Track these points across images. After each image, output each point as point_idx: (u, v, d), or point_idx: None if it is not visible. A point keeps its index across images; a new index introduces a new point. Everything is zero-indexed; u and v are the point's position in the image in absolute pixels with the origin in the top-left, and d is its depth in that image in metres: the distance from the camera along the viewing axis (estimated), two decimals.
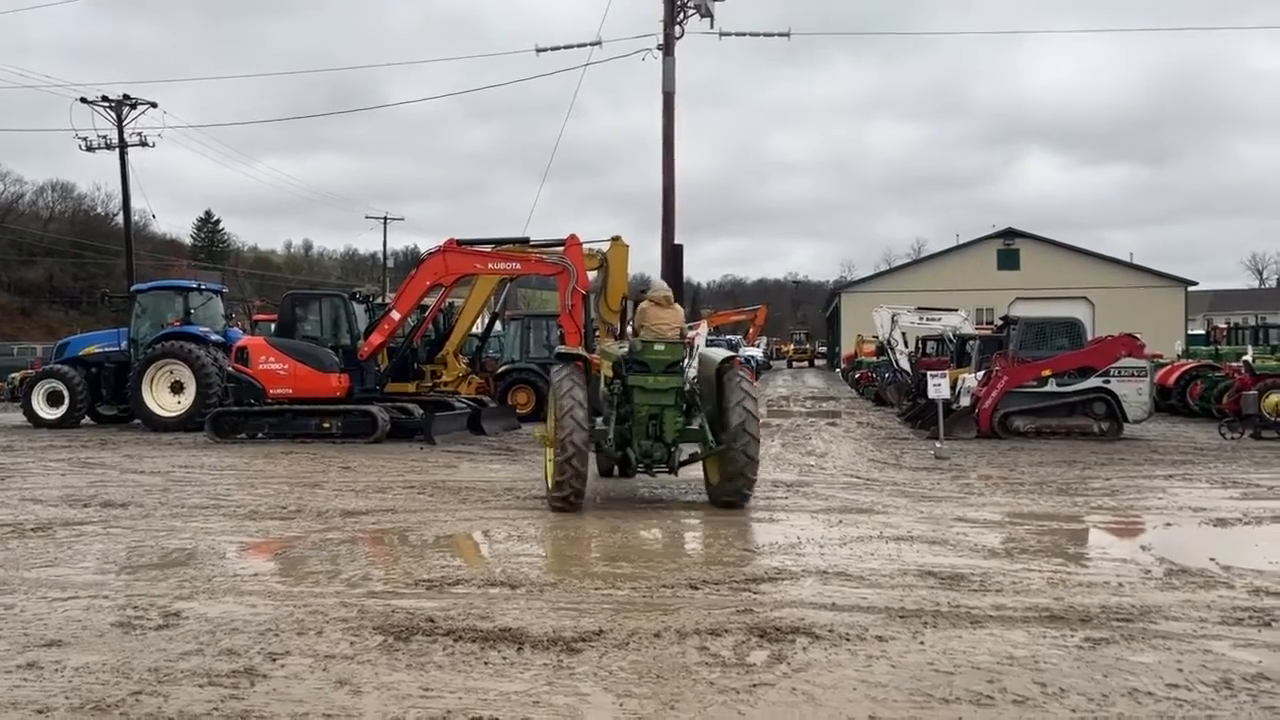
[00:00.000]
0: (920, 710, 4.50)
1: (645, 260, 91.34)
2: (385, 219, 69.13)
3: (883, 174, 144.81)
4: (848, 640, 5.54)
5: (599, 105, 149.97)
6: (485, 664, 5.10)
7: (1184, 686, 4.79)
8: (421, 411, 17.84)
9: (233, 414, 18.05)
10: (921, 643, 5.51)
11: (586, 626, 5.74)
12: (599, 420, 10.34)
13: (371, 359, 18.49)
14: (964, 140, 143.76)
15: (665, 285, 10.82)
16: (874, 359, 34.85)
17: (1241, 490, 11.70)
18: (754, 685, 4.80)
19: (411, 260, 38.44)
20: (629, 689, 4.77)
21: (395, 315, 18.32)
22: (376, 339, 18.31)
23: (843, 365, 49.27)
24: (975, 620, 5.96)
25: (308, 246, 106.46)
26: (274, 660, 5.15)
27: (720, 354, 10.43)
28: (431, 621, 5.82)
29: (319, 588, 6.77)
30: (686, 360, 10.54)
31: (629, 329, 10.60)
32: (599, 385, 10.68)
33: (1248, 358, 22.48)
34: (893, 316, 27.88)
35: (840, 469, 13.81)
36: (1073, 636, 5.61)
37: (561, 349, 11.24)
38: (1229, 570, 7.27)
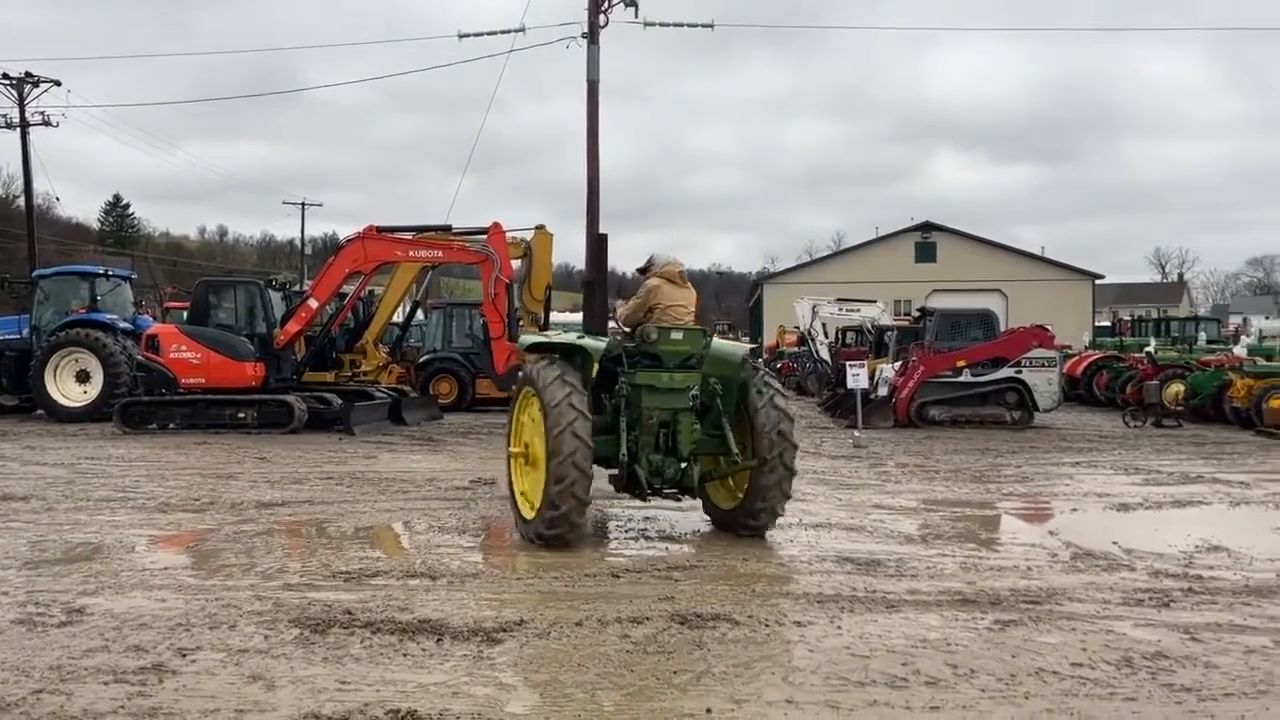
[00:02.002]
0: (836, 694, 4.58)
1: (569, 250, 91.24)
2: (303, 205, 67.62)
3: (802, 168, 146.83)
4: (766, 626, 5.61)
5: (523, 96, 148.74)
6: (404, 656, 5.04)
7: (1088, 665, 4.96)
8: (340, 401, 17.53)
9: (143, 404, 17.52)
10: (839, 627, 5.61)
11: (508, 617, 5.71)
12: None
13: (288, 348, 18.10)
14: (878, 137, 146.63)
15: (677, 258, 8.43)
16: (795, 349, 35.32)
17: (1143, 476, 12.15)
18: (674, 672, 4.83)
19: (330, 247, 37.76)
20: (550, 678, 4.76)
21: (313, 303, 17.96)
22: (293, 327, 17.92)
23: (765, 356, 49.84)
24: (891, 605, 6.09)
25: (223, 233, 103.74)
26: (184, 656, 5.02)
27: (738, 348, 8.57)
28: (349, 614, 5.73)
29: (232, 581, 6.61)
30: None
31: (637, 307, 8.19)
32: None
33: (1150, 349, 23.36)
34: (813, 308, 28.31)
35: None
36: (983, 619, 5.76)
37: (542, 338, 8.98)
38: (1131, 554, 7.54)
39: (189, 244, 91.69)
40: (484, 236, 17.37)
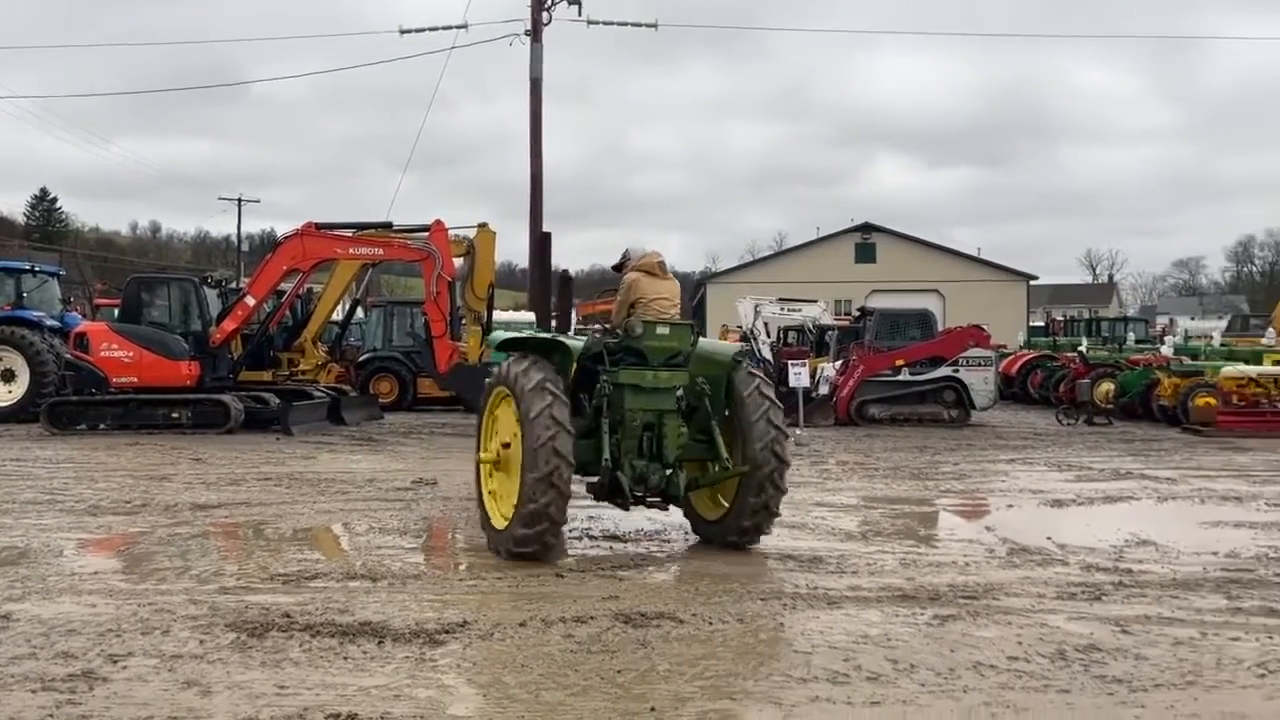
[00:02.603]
0: (780, 690, 4.61)
1: (512, 248, 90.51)
2: (240, 201, 66.34)
3: (744, 169, 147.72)
4: (710, 624, 5.63)
5: (466, 94, 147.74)
6: (344, 659, 4.97)
7: (1023, 659, 5.06)
8: (278, 401, 17.22)
9: (71, 404, 17.04)
10: (781, 624, 5.66)
11: (450, 618, 5.66)
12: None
13: (224, 346, 17.73)
14: (819, 139, 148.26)
15: (655, 249, 7.96)
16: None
17: (1076, 473, 12.44)
18: (618, 671, 4.82)
19: (268, 244, 37.05)
20: (494, 679, 4.73)
21: (250, 301, 17.63)
22: (229, 325, 17.57)
23: None
24: (832, 601, 6.16)
25: (155, 228, 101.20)
26: (115, 662, 4.89)
27: (727, 348, 8.03)
28: (288, 617, 5.63)
29: (166, 585, 6.46)
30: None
31: (620, 306, 7.77)
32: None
33: (1082, 349, 23.92)
34: (755, 307, 28.47)
35: None
36: (923, 614, 5.85)
37: (517, 335, 8.32)
38: (1064, 549, 7.72)
39: (120, 240, 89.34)
40: (426, 234, 17.20)
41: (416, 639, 5.27)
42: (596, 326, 8.66)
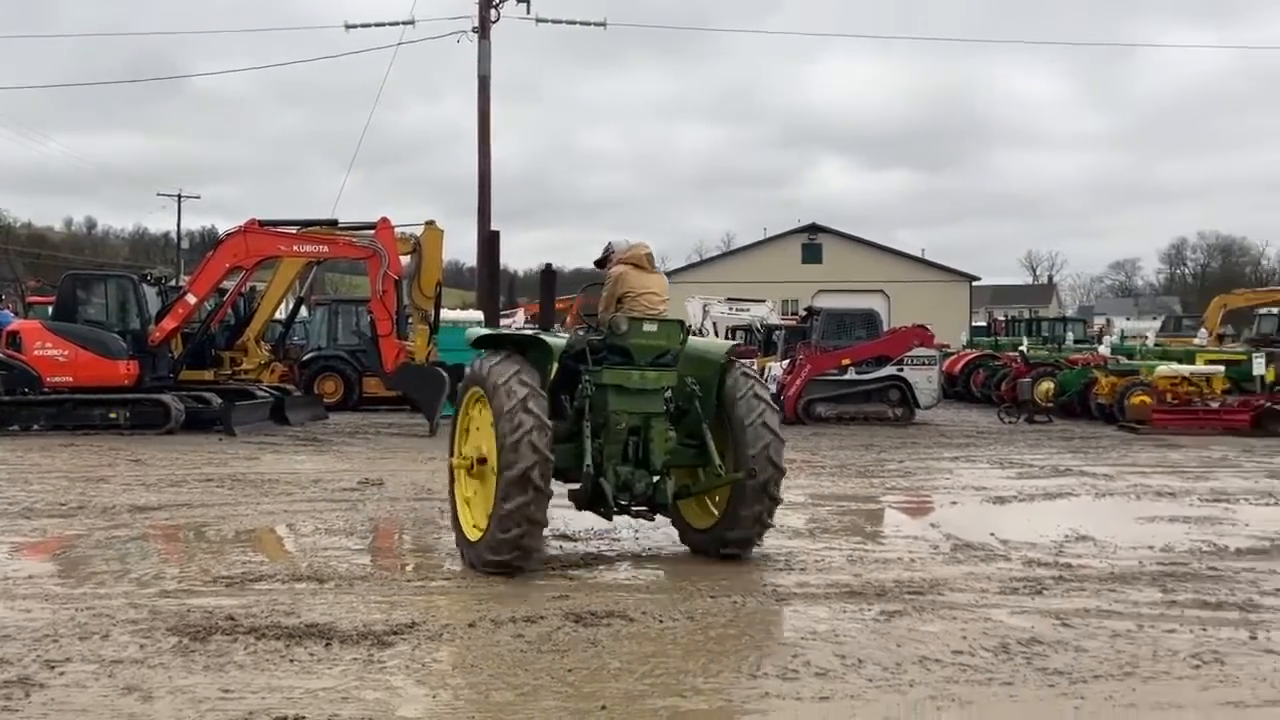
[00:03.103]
0: (730, 687, 4.64)
1: (459, 247, 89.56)
2: (179, 197, 65.02)
3: (692, 170, 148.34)
4: (660, 622, 5.65)
5: (413, 92, 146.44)
6: (291, 661, 4.90)
7: (968, 653, 5.15)
8: (220, 401, 16.91)
9: (3, 404, 16.55)
10: (730, 621, 5.69)
11: (399, 619, 5.61)
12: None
13: (164, 345, 17.36)
14: (765, 141, 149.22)
15: (643, 243, 7.63)
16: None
17: (1017, 470, 12.68)
18: (569, 670, 4.82)
19: (208, 242, 36.42)
20: (443, 680, 4.69)
21: (191, 299, 17.28)
22: (169, 324, 17.20)
23: None
24: (781, 597, 6.21)
25: (91, 225, 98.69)
26: (52, 668, 4.77)
27: (720, 346, 7.70)
28: (232, 620, 5.53)
29: (104, 589, 6.31)
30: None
31: (605, 301, 7.37)
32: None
33: (1023, 348, 24.39)
34: (704, 307, 28.61)
35: None
36: (870, 610, 5.92)
37: (493, 331, 7.86)
38: (1006, 544, 7.86)
39: (53, 236, 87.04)
40: (372, 232, 17.02)
41: (364, 640, 5.22)
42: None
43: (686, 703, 4.45)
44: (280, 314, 20.77)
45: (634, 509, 7.07)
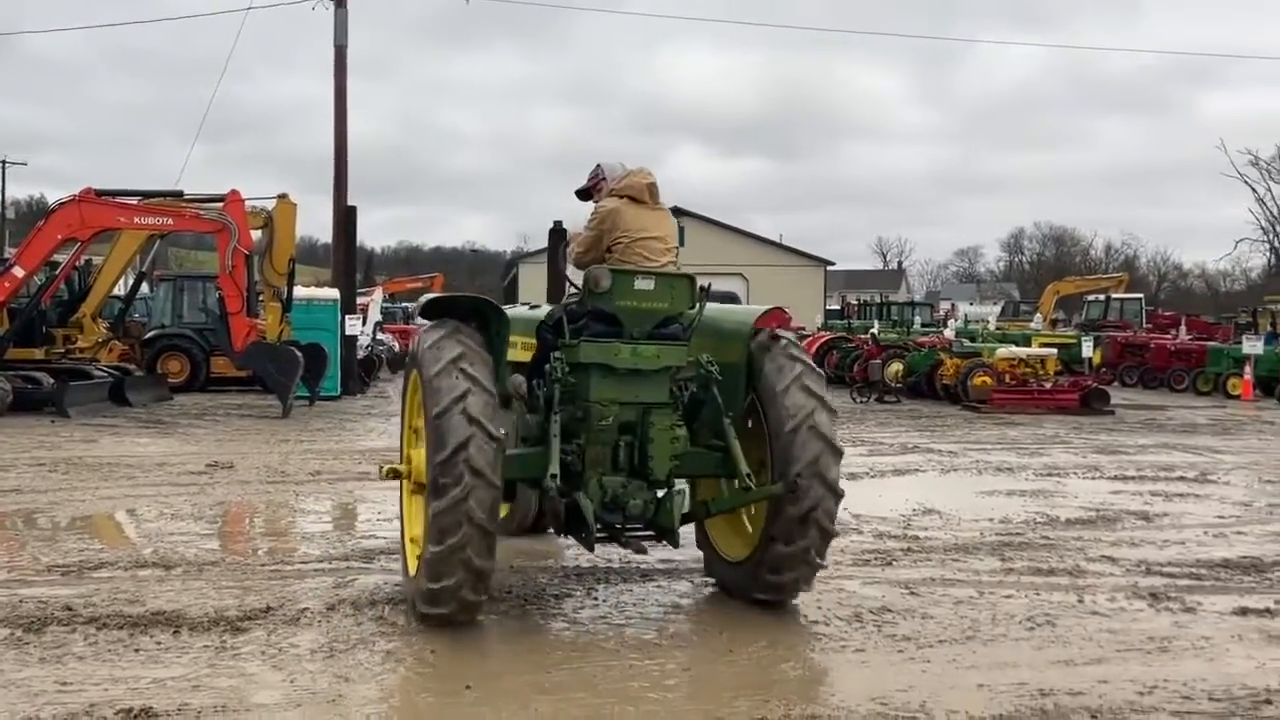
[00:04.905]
0: (591, 665, 4.68)
1: (314, 224, 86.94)
2: (3, 164, 60.58)
3: (551, 151, 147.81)
4: (525, 601, 5.64)
5: (265, 64, 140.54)
6: (136, 651, 4.67)
7: (823, 621, 5.34)
8: (53, 381, 15.91)
9: None
10: (595, 598, 5.73)
11: (253, 604, 5.42)
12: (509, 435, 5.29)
13: None
14: (622, 124, 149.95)
15: (645, 169, 5.80)
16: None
17: (868, 448, 13.16)
18: (432, 651, 4.76)
19: (38, 212, 34.09)
20: (300, 666, 4.56)
21: (18, 272, 16.15)
22: None
23: None
24: (645, 574, 6.29)
25: None
26: None
27: (747, 313, 5.67)
28: (69, 610, 5.24)
29: None
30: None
31: (587, 245, 5.70)
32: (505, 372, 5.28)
33: (874, 331, 25.30)
34: (569, 292, 28.54)
35: None
36: None
37: (443, 295, 5.87)
38: (859, 519, 8.17)
39: None
40: (220, 205, 16.29)
41: (216, 627, 5.02)
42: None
43: (551, 678, 4.46)
44: (120, 289, 19.68)
45: (628, 534, 5.28)
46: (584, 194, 5.99)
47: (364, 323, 23.64)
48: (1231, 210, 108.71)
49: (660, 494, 5.29)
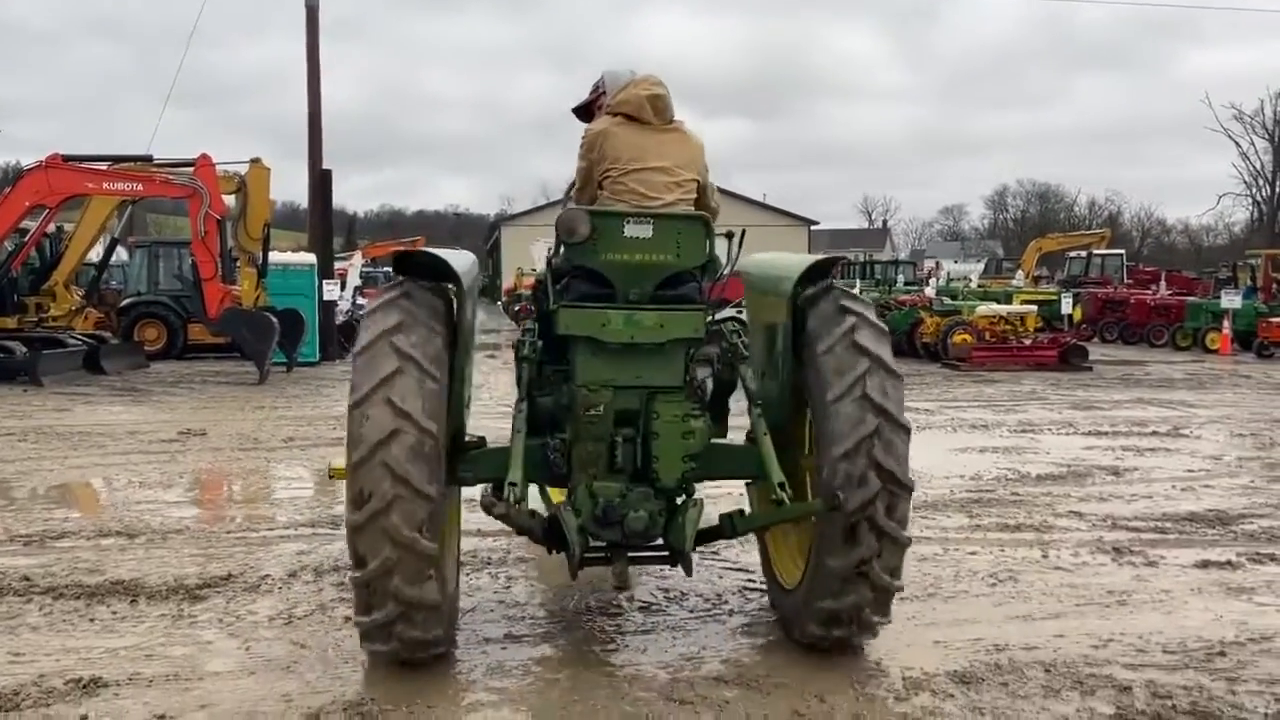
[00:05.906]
0: (556, 626, 4.68)
1: (290, 189, 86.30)
2: None
3: (532, 114, 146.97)
4: (489, 565, 5.63)
5: (237, 28, 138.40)
6: (91, 621, 4.65)
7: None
8: (25, 349, 15.76)
9: None
10: (554, 566, 5.71)
11: (214, 572, 5.40)
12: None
13: None
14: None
15: (651, 76, 4.51)
16: (533, 291, 35.31)
17: None
18: None
19: (8, 178, 33.65)
20: (256, 633, 4.54)
21: None
22: None
23: (503, 298, 49.64)
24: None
25: None
26: None
27: (790, 264, 4.48)
28: (27, 580, 5.20)
29: None
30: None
31: (585, 182, 4.49)
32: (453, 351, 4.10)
33: (856, 290, 25.25)
34: (549, 250, 28.36)
35: (496, 400, 13.93)
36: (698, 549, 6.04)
37: (418, 250, 4.18)
38: None
39: None
40: (191, 169, 16.08)
41: (174, 595, 5.00)
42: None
43: (511, 643, 4.46)
44: (94, 256, 19.47)
45: (619, 556, 4.14)
46: (583, 111, 4.79)
47: (343, 288, 23.49)
48: (1215, 165, 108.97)
49: (678, 504, 4.15)
